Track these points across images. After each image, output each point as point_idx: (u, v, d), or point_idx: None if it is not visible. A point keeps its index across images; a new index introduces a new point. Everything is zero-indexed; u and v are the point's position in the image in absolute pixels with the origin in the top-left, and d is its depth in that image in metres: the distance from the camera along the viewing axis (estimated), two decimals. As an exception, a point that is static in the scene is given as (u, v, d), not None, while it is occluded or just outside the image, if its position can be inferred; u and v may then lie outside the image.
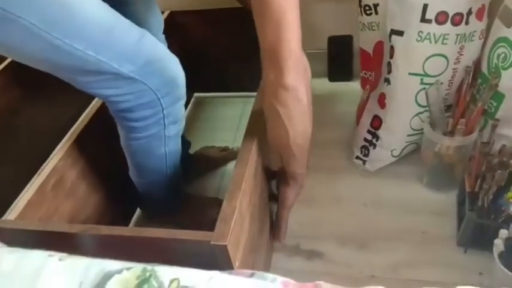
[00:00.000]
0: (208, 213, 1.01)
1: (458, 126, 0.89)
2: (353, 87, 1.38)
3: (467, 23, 0.86)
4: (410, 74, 0.92)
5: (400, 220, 0.96)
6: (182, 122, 0.83)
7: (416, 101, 0.95)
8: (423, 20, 0.85)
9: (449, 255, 0.88)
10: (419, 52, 0.89)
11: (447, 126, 0.94)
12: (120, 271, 0.40)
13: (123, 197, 1.01)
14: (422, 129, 0.98)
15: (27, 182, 0.76)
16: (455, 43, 0.88)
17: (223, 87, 1.46)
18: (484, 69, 0.93)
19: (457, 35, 0.87)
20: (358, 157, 1.10)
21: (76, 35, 0.59)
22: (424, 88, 0.92)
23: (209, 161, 1.20)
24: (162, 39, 0.96)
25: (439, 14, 0.84)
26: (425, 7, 0.83)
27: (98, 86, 0.67)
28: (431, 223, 0.94)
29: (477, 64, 0.95)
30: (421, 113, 0.97)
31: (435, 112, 0.94)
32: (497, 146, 0.88)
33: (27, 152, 0.93)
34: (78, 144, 0.86)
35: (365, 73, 1.20)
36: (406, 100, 0.96)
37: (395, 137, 1.04)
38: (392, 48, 0.92)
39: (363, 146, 1.08)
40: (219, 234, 0.57)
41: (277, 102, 0.59)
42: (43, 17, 0.56)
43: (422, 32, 0.86)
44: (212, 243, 0.56)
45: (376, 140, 1.05)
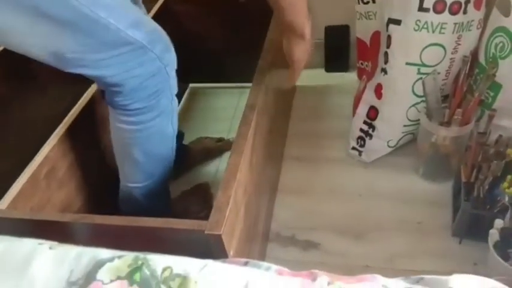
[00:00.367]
0: (193, 210, 1.01)
1: (454, 116, 0.89)
2: (350, 77, 1.37)
3: (465, 12, 0.85)
4: (407, 64, 0.91)
5: (396, 211, 0.96)
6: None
7: (413, 91, 0.95)
8: (421, 9, 0.84)
9: (444, 245, 0.88)
10: (416, 41, 0.88)
11: (444, 116, 0.93)
12: (111, 259, 0.40)
13: (116, 187, 0.99)
14: (418, 119, 0.98)
15: (20, 172, 0.74)
16: (452, 32, 0.87)
17: (218, 77, 1.44)
18: (482, 59, 0.93)
19: (455, 24, 0.86)
20: (354, 148, 1.09)
21: (100, 3, 0.62)
22: (421, 78, 0.91)
23: (204, 152, 1.19)
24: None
25: (437, 3, 0.83)
26: (423, -4, 0.83)
27: (111, 63, 0.67)
28: (426, 214, 0.94)
29: (474, 54, 0.94)
30: (418, 104, 0.97)
31: (432, 102, 0.93)
32: (493, 137, 0.88)
33: (20, 143, 0.91)
34: (70, 134, 0.85)
35: (361, 63, 1.19)
36: (403, 90, 0.95)
37: (391, 128, 1.03)
38: (389, 37, 0.91)
39: (359, 137, 1.07)
40: (214, 223, 0.56)
41: None
42: None
43: (420, 21, 0.85)
44: (207, 232, 0.55)
45: (372, 131, 1.04)
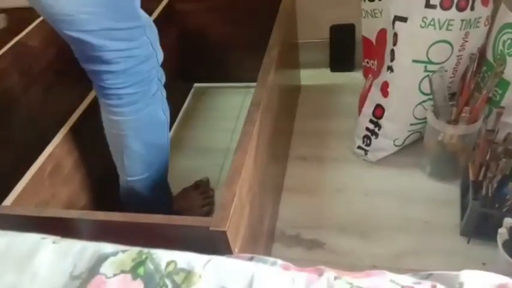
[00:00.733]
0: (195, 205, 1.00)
1: (462, 114, 0.88)
2: (355, 77, 1.36)
3: (472, 9, 0.84)
4: (414, 61, 0.90)
5: (402, 210, 0.95)
6: None
7: (419, 89, 0.94)
8: (428, 6, 0.83)
9: (452, 245, 0.87)
10: (423, 38, 0.87)
11: (451, 114, 0.92)
12: (115, 253, 0.39)
13: (119, 185, 0.99)
14: (425, 118, 0.97)
15: (25, 170, 0.74)
16: (460, 29, 0.86)
17: (223, 77, 1.44)
18: (489, 56, 0.92)
19: (462, 21, 0.85)
20: (359, 147, 1.08)
21: None
22: (428, 76, 0.90)
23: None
24: None
25: (444, -1, 0.82)
26: (430, -8, 0.82)
27: (116, 36, 0.69)
28: (434, 213, 0.93)
29: (482, 51, 0.93)
30: (425, 102, 0.96)
31: (439, 100, 0.92)
32: (502, 135, 0.87)
33: (25, 140, 0.92)
34: (75, 132, 0.85)
35: (367, 62, 1.18)
36: (410, 88, 0.94)
37: (398, 126, 1.02)
38: (395, 35, 0.90)
39: (365, 136, 1.06)
40: (218, 220, 0.55)
41: None
42: None
43: (426, 18, 0.85)
44: (211, 229, 0.54)
45: (378, 130, 1.03)
